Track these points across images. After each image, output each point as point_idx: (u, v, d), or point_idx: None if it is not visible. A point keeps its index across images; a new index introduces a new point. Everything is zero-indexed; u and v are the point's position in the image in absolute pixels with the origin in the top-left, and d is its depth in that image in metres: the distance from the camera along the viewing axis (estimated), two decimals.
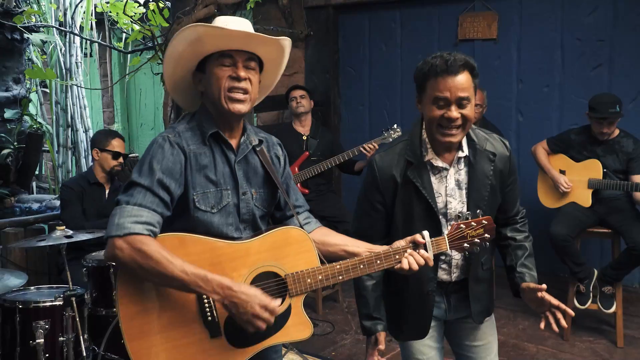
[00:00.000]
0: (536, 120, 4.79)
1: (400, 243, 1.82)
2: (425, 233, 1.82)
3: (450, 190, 1.99)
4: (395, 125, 4.15)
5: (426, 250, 1.80)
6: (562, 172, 4.03)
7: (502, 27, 4.83)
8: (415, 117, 2.06)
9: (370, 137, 4.37)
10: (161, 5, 4.80)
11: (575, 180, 3.93)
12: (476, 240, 1.84)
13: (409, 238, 1.81)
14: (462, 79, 1.81)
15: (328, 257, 1.86)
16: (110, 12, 6.11)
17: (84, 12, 6.29)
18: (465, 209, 1.98)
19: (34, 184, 6.41)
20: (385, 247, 1.83)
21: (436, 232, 1.95)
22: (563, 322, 1.86)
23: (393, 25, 5.43)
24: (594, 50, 4.50)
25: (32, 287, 2.97)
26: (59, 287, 2.95)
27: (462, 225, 1.84)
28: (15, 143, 5.84)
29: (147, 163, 1.68)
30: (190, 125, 1.79)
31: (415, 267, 1.77)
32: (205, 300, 1.69)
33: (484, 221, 1.85)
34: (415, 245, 1.80)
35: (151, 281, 1.62)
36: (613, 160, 3.82)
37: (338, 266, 1.76)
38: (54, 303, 2.68)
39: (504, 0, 4.81)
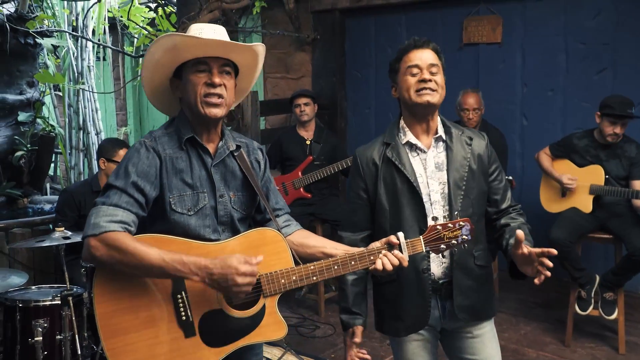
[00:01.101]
0: (540, 123, 4.77)
1: (375, 244, 1.84)
2: (400, 234, 1.83)
3: (430, 172, 2.05)
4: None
5: (401, 251, 1.81)
6: None
7: (507, 31, 4.83)
8: None
9: None
10: (168, 10, 4.88)
11: (577, 185, 3.92)
12: (453, 241, 1.85)
13: (383, 240, 1.83)
14: (429, 52, 2.02)
15: (307, 259, 1.89)
16: (121, 17, 6.22)
17: (97, 17, 6.39)
18: (446, 190, 2.03)
19: (47, 185, 6.52)
20: (361, 249, 1.85)
21: (421, 211, 2.00)
22: (548, 262, 1.78)
23: (399, 28, 5.45)
24: (597, 54, 4.48)
25: (33, 287, 3.04)
26: (59, 287, 3.01)
27: (438, 227, 1.85)
28: (29, 145, 5.95)
29: (123, 167, 1.74)
30: (168, 131, 1.85)
31: (389, 267, 1.79)
32: (180, 300, 1.72)
33: (461, 222, 1.86)
34: (390, 247, 1.81)
35: (131, 274, 1.66)
36: (616, 165, 3.81)
37: (312, 267, 1.78)
38: (52, 302, 2.75)
39: (508, 4, 4.81)
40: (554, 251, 1.79)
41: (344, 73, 5.82)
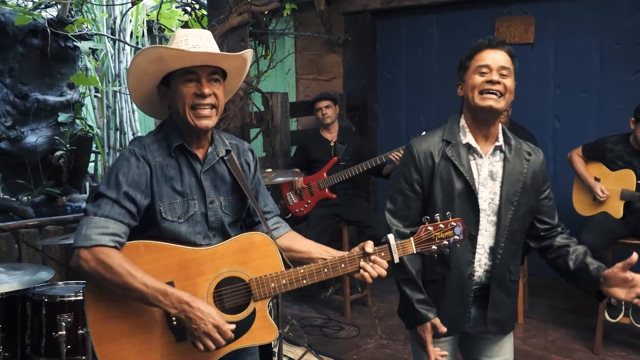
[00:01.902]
0: (573, 126, 4.67)
1: (367, 247, 1.81)
2: (390, 236, 1.82)
3: (482, 179, 2.01)
4: (424, 133, 4.14)
5: (391, 252, 1.80)
6: (597, 179, 3.92)
7: (539, 31, 4.75)
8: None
9: (407, 141, 4.35)
10: (199, 14, 4.96)
11: (609, 190, 3.82)
12: (445, 242, 1.82)
13: (371, 243, 1.81)
14: (502, 54, 1.95)
15: (295, 262, 1.88)
16: (158, 20, 6.35)
17: (134, 20, 6.55)
18: (496, 201, 2.00)
19: (87, 183, 6.73)
20: (350, 252, 1.83)
21: (474, 212, 1.98)
22: None
23: (430, 29, 5.41)
24: (633, 54, 4.35)
25: (60, 282, 3.14)
26: (85, 283, 3.10)
27: (429, 228, 1.83)
28: (68, 145, 6.16)
29: (113, 176, 1.72)
30: (157, 137, 1.82)
31: (374, 274, 1.78)
32: None
33: (453, 223, 1.83)
34: (382, 249, 1.80)
35: (114, 292, 1.67)
36: None
37: (302, 270, 1.78)
38: (76, 297, 2.83)
39: (541, 4, 4.72)
40: None
41: (375, 74, 5.81)
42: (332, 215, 4.45)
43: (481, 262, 2.04)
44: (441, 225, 1.82)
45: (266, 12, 5.18)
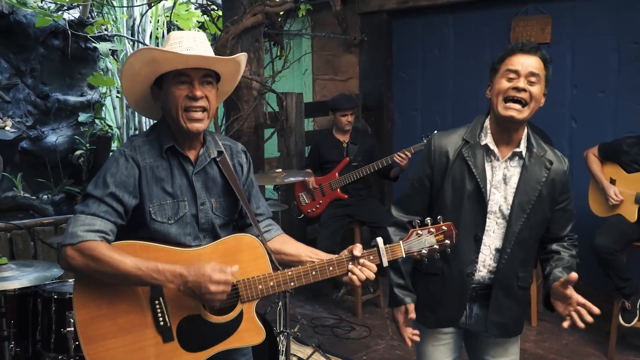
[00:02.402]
0: (590, 126, 4.59)
1: (351, 253, 1.81)
2: (379, 239, 1.81)
3: (496, 182, 2.00)
4: (435, 132, 4.12)
5: (380, 256, 1.79)
6: (613, 181, 3.86)
7: (556, 30, 4.67)
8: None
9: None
10: (215, 15, 5.00)
11: (624, 192, 3.75)
12: (435, 246, 1.82)
13: (359, 247, 1.81)
14: (535, 59, 1.92)
15: (285, 264, 1.88)
16: (176, 21, 6.42)
17: (154, 21, 6.63)
18: (506, 206, 1.98)
19: None
20: (339, 256, 1.82)
21: (482, 214, 1.98)
22: (588, 317, 1.81)
23: (446, 29, 5.37)
24: None
25: (70, 280, 3.19)
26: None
27: (419, 231, 1.82)
28: (87, 145, 6.26)
29: (102, 176, 1.74)
30: (149, 139, 1.82)
31: (362, 277, 1.79)
32: (158, 305, 1.73)
33: (443, 227, 1.83)
34: (370, 253, 1.80)
35: (108, 282, 1.68)
36: None
37: (290, 273, 1.77)
38: None
39: (558, 4, 4.65)
40: (597, 310, 1.80)
41: (391, 74, 5.79)
42: (344, 215, 4.45)
43: (485, 262, 2.04)
44: (432, 229, 1.82)
45: (281, 13, 5.21)
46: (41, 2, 5.62)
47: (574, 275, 1.80)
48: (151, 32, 6.72)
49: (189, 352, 1.76)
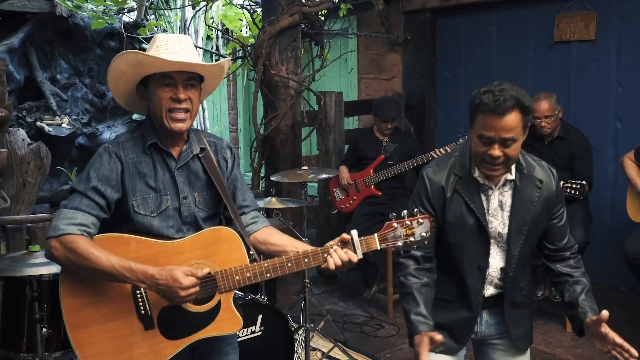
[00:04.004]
0: (636, 127, 4.40)
1: (330, 243, 1.84)
2: (354, 232, 1.82)
3: (492, 210, 2.01)
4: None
5: (355, 248, 1.81)
6: None
7: (601, 27, 4.50)
8: None
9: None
10: (256, 16, 5.12)
11: None
12: (411, 239, 1.82)
13: (337, 238, 1.83)
14: (509, 120, 1.78)
15: (271, 255, 1.92)
16: (205, 22, 6.59)
17: (205, 22, 6.85)
18: (506, 231, 2.00)
19: None
20: (315, 248, 1.86)
21: (485, 245, 2.00)
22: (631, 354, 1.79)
23: (489, 27, 5.28)
24: None
25: None
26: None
27: (394, 224, 1.82)
28: None
29: (86, 171, 1.84)
30: (133, 135, 1.91)
31: (338, 263, 1.79)
32: (139, 295, 1.82)
33: (419, 219, 1.82)
34: (344, 244, 1.81)
35: (85, 275, 1.77)
36: None
37: (266, 264, 1.82)
38: None
39: None
40: (635, 353, 1.78)
41: (434, 73, 5.74)
42: (376, 214, 4.47)
43: (493, 282, 2.07)
44: (407, 222, 1.82)
45: (321, 13, 5.27)
46: (97, 7, 5.92)
47: (605, 314, 1.80)
48: (208, 34, 6.93)
49: (170, 339, 1.83)
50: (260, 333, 3.06)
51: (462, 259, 2.00)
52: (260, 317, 3.05)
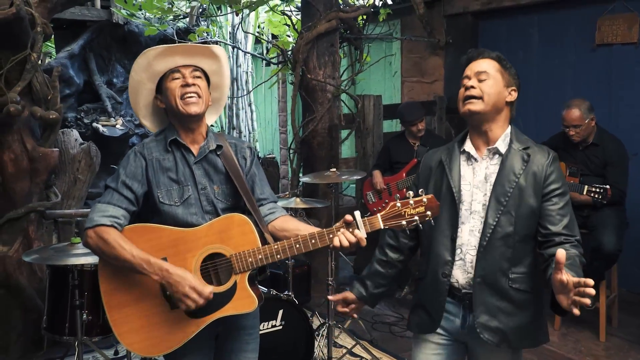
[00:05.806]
0: None
1: (336, 224, 1.93)
2: (357, 212, 1.89)
3: (477, 181, 2.04)
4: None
5: (358, 227, 1.88)
6: None
7: None
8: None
9: None
10: (295, 20, 5.27)
11: None
12: (415, 218, 1.83)
13: (342, 219, 1.92)
14: (484, 62, 2.03)
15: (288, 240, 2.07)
16: (242, 27, 6.78)
17: (254, 28, 7.08)
18: (487, 202, 2.00)
19: None
20: (321, 229, 1.96)
21: (454, 219, 2.02)
22: (588, 294, 1.58)
23: (530, 30, 5.23)
24: None
25: None
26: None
27: (398, 204, 1.85)
28: None
29: (117, 171, 2.08)
30: (157, 138, 2.15)
31: (346, 244, 1.88)
32: None
33: (424, 199, 1.84)
34: (348, 224, 1.90)
35: (112, 263, 1.99)
36: None
37: (276, 246, 1.97)
38: None
39: None
40: (591, 281, 1.60)
41: None
42: None
43: (473, 262, 2.01)
44: (411, 202, 1.84)
45: (361, 18, 5.37)
46: (153, 15, 6.23)
47: (561, 252, 1.63)
48: (257, 38, 7.15)
49: (192, 318, 2.01)
50: (281, 327, 3.19)
51: (436, 228, 2.02)
52: (281, 312, 3.19)
